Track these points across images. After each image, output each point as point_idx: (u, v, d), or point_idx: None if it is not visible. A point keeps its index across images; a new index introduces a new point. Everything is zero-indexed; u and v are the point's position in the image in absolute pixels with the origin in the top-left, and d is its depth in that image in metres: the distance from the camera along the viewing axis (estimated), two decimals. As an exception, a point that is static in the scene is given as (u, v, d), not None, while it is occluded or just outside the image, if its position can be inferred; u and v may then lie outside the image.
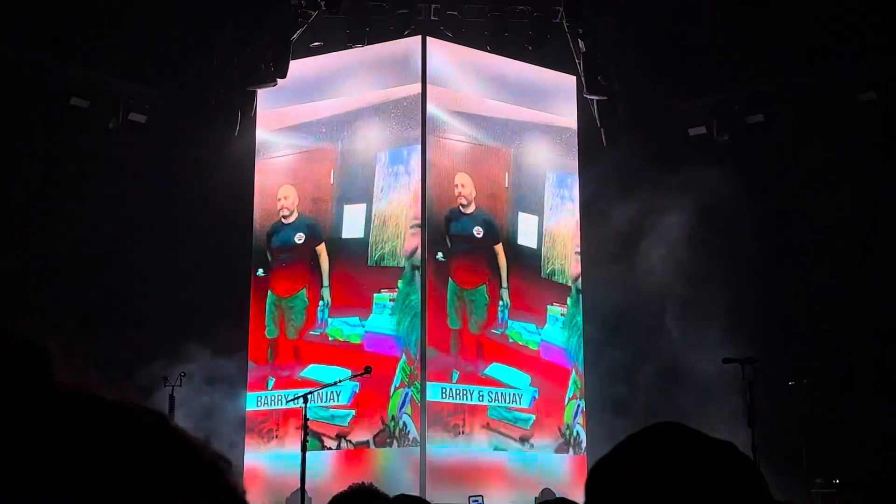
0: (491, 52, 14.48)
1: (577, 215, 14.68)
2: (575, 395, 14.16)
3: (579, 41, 14.36)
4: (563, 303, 14.34)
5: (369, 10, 14.49)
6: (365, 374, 11.01)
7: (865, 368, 13.21)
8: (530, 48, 14.67)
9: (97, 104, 14.37)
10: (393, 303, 13.21)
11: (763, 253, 13.96)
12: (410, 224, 13.31)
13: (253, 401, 13.68)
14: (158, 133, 14.72)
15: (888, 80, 14.07)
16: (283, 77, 13.95)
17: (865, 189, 13.52)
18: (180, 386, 11.66)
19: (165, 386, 11.47)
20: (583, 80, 14.45)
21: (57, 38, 13.68)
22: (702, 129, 15.20)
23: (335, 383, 12.09)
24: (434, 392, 12.84)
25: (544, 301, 14.13)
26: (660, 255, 13.81)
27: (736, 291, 13.59)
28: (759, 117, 14.85)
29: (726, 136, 15.11)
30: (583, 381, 14.25)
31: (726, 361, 10.32)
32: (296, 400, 11.18)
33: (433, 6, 14.61)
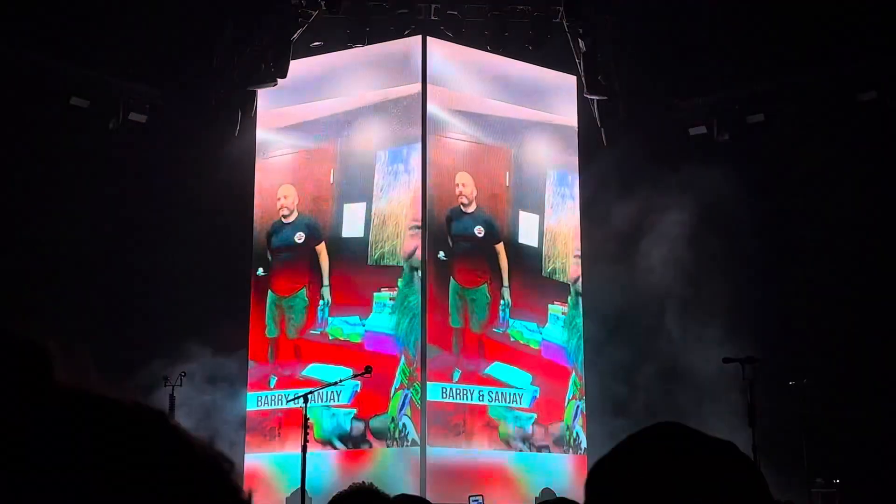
0: (491, 52, 14.48)
1: (578, 213, 14.69)
2: (575, 396, 14.15)
3: (579, 40, 14.36)
4: (564, 302, 14.34)
5: (369, 9, 14.49)
6: (365, 373, 11.01)
7: (865, 368, 13.21)
8: (530, 48, 14.67)
9: (97, 104, 14.37)
10: (393, 301, 13.21)
11: (763, 252, 13.96)
12: (409, 226, 13.31)
13: (253, 400, 13.67)
14: (158, 133, 14.73)
15: (889, 79, 14.07)
16: (283, 77, 13.95)
17: (866, 188, 13.52)
18: (180, 385, 11.65)
19: (166, 385, 11.46)
20: (583, 79, 14.45)
21: (57, 38, 13.68)
22: (702, 129, 15.20)
23: (335, 383, 12.09)
24: (434, 392, 12.83)
25: (545, 300, 14.13)
26: (660, 254, 13.80)
27: (736, 291, 13.58)
28: (760, 116, 14.85)
29: (726, 136, 15.11)
30: (582, 383, 14.25)
31: (727, 361, 10.32)
32: (296, 400, 11.18)
33: (433, 6, 14.60)
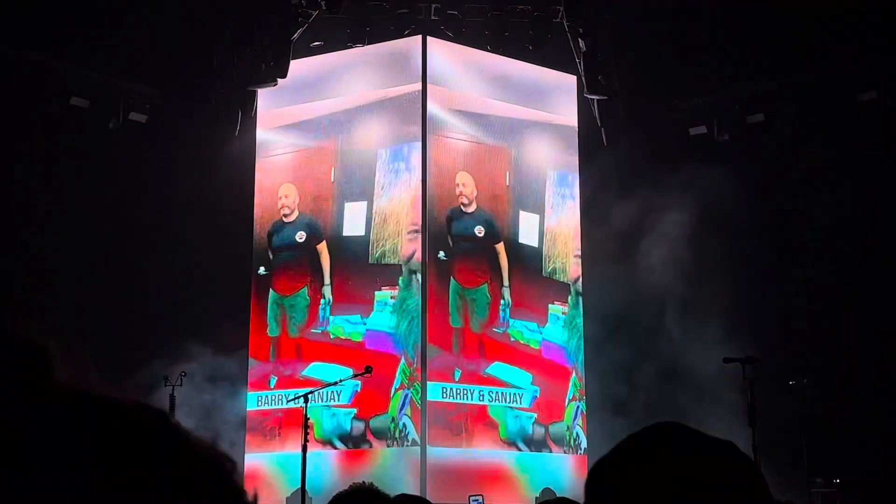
0: (491, 52, 14.48)
1: (578, 213, 14.68)
2: (575, 396, 14.15)
3: (580, 40, 14.37)
4: (564, 302, 14.34)
5: (369, 9, 14.49)
6: (366, 373, 11.01)
7: (866, 368, 13.20)
8: (531, 47, 14.67)
9: (97, 104, 14.37)
10: (394, 300, 13.21)
11: (763, 252, 13.95)
12: (408, 230, 13.30)
13: (254, 400, 13.67)
14: (158, 133, 14.72)
15: (889, 79, 14.07)
16: (283, 77, 13.95)
17: (866, 188, 13.51)
18: (181, 385, 11.65)
19: (166, 385, 11.45)
20: (583, 79, 14.45)
21: (57, 38, 13.68)
22: (702, 129, 15.19)
23: (335, 383, 12.08)
24: (434, 392, 12.83)
25: (545, 300, 14.13)
26: (660, 254, 13.80)
27: (736, 291, 13.58)
28: (760, 116, 14.85)
29: (727, 136, 15.10)
30: (582, 383, 14.25)
31: (727, 361, 10.31)
32: (296, 399, 11.18)
33: (433, 6, 14.60)
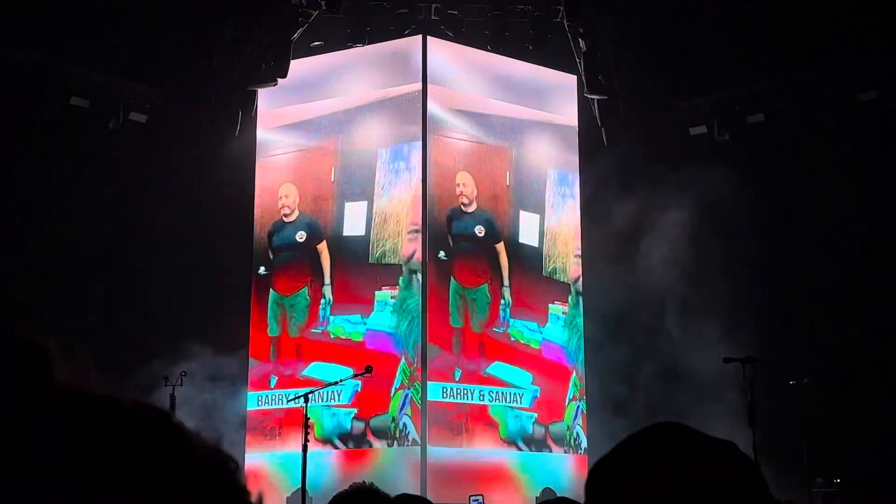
0: (491, 52, 14.48)
1: (578, 213, 14.68)
2: (575, 396, 14.16)
3: (580, 40, 14.37)
4: (565, 301, 14.34)
5: (370, 9, 14.49)
6: (366, 373, 11.01)
7: (866, 368, 13.20)
8: (531, 47, 14.67)
9: (97, 104, 14.37)
10: (394, 300, 13.21)
11: (763, 252, 13.95)
12: (409, 230, 13.30)
13: (254, 400, 13.67)
14: (158, 133, 14.72)
15: (889, 79, 14.06)
16: (283, 77, 13.95)
17: (866, 188, 13.51)
18: (181, 385, 11.65)
19: (166, 385, 11.45)
20: (583, 79, 14.45)
21: (57, 38, 13.68)
22: (702, 129, 15.19)
23: (336, 383, 12.08)
24: (435, 392, 12.83)
25: (545, 300, 14.13)
26: (660, 254, 13.80)
27: (736, 290, 13.58)
28: (760, 116, 14.84)
29: (727, 136, 15.10)
30: (583, 383, 14.25)
31: (727, 361, 10.31)
32: (296, 399, 11.17)
33: (433, 6, 14.60)
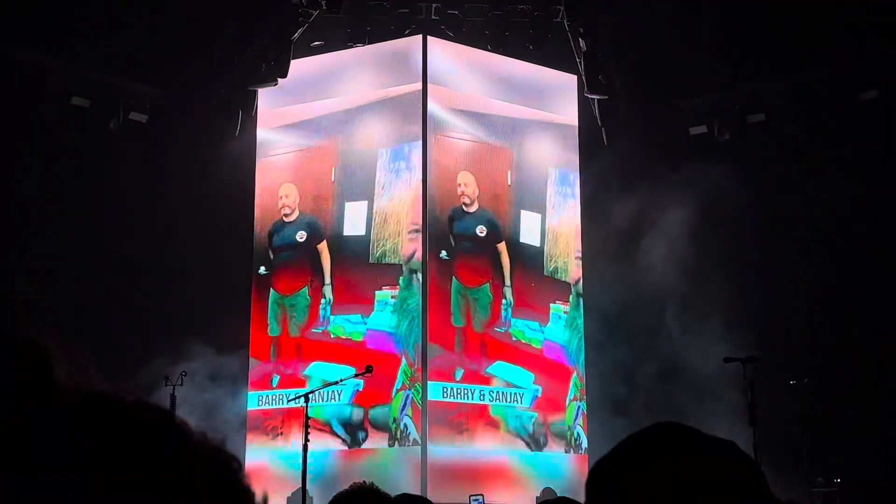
0: (492, 52, 14.48)
1: (579, 212, 14.68)
2: (575, 396, 14.16)
3: (580, 40, 14.36)
4: (566, 301, 14.34)
5: (370, 9, 14.49)
6: (366, 373, 11.01)
7: (866, 367, 13.20)
8: (531, 47, 14.67)
9: (97, 104, 14.37)
10: (394, 300, 13.20)
11: (764, 251, 13.95)
12: (409, 229, 13.30)
13: (254, 399, 13.67)
14: (158, 133, 14.73)
15: (889, 78, 14.06)
16: (283, 76, 13.94)
17: (866, 188, 13.51)
18: (181, 385, 11.65)
19: (166, 385, 11.45)
20: (583, 78, 14.45)
21: (57, 38, 13.68)
22: (703, 128, 15.19)
23: (336, 382, 12.08)
24: (435, 391, 12.83)
25: (547, 299, 14.13)
26: (661, 253, 13.80)
27: (737, 290, 13.58)
28: (760, 116, 14.84)
29: (727, 135, 15.10)
30: (583, 383, 14.25)
31: (727, 360, 10.30)
32: (297, 399, 11.18)
33: (434, 5, 14.60)
